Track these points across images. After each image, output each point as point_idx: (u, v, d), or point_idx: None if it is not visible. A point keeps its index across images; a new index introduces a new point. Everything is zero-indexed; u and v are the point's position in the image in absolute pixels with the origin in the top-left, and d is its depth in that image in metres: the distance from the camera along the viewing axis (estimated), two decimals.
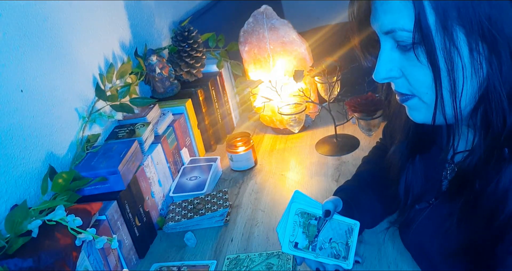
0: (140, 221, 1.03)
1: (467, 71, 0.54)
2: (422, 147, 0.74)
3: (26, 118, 0.92)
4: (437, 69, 0.54)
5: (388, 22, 0.56)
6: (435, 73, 0.55)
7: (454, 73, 0.54)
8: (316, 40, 1.50)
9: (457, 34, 0.52)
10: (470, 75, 0.54)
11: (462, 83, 0.55)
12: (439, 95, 0.56)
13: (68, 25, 1.08)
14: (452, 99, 0.56)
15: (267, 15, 1.36)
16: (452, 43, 0.53)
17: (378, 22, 0.58)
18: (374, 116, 1.19)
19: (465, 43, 0.53)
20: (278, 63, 1.38)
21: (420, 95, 0.60)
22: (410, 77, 0.59)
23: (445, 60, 0.54)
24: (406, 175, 0.76)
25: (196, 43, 1.37)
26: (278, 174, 1.26)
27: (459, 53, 0.53)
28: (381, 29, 0.58)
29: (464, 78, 0.54)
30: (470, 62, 0.54)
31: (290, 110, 1.31)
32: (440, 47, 0.53)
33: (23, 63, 0.93)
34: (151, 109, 1.21)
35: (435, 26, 0.52)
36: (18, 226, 0.76)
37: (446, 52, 0.53)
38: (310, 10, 3.15)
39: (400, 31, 0.55)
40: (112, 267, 0.92)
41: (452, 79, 0.54)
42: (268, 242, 1.00)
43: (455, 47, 0.53)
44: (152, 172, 1.12)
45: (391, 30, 0.56)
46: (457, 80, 0.55)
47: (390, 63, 0.59)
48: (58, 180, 0.89)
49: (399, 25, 0.55)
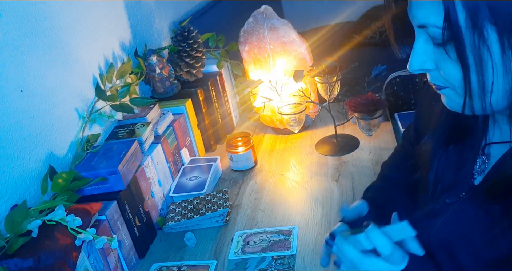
0: (140, 221, 1.03)
1: (498, 69, 0.54)
2: (457, 136, 0.72)
3: (26, 118, 0.92)
4: (466, 66, 0.54)
5: (421, 17, 0.57)
6: (465, 70, 0.55)
7: (483, 70, 0.54)
8: (316, 40, 1.51)
9: (488, 32, 0.52)
10: (501, 73, 0.54)
11: (491, 80, 0.55)
12: (468, 90, 0.56)
13: (68, 25, 1.08)
14: (481, 95, 0.56)
15: (267, 15, 1.36)
16: (483, 41, 0.52)
17: (412, 15, 0.58)
18: (374, 116, 1.19)
19: (496, 41, 0.52)
20: (278, 63, 1.38)
21: (453, 88, 0.60)
22: (443, 71, 0.59)
23: (474, 57, 0.54)
24: (438, 163, 0.74)
25: (196, 43, 1.37)
26: (278, 174, 1.26)
27: (490, 51, 0.53)
28: (415, 23, 0.59)
29: (495, 76, 0.54)
30: (502, 60, 0.53)
31: (290, 110, 1.31)
32: (470, 45, 0.53)
33: (23, 63, 0.93)
34: (151, 109, 1.21)
35: (465, 23, 0.52)
36: (18, 226, 0.76)
37: (476, 50, 0.53)
38: (310, 10, 3.15)
39: (431, 27, 0.56)
40: (112, 267, 0.92)
41: (481, 77, 0.54)
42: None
43: (486, 45, 0.53)
44: (152, 172, 1.12)
45: (423, 25, 0.57)
46: (486, 78, 0.54)
47: (424, 55, 0.60)
48: (58, 180, 0.89)
49: (431, 21, 0.55)
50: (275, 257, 0.94)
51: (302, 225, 1.04)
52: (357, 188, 1.12)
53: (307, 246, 0.97)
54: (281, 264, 0.92)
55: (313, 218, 1.05)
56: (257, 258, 0.95)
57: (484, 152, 0.69)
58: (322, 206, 1.09)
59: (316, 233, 1.00)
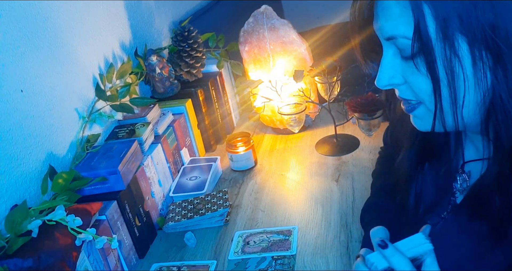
0: (140, 221, 1.03)
1: (470, 81, 0.52)
2: (431, 154, 0.70)
3: (26, 118, 0.92)
4: (436, 79, 0.52)
5: (389, 29, 0.54)
6: (435, 82, 0.53)
7: (455, 83, 0.52)
8: (316, 40, 1.50)
9: (459, 43, 0.50)
10: (473, 86, 0.52)
11: (463, 93, 0.53)
12: (439, 104, 0.54)
13: (68, 25, 1.08)
14: (453, 109, 0.54)
15: (267, 15, 1.36)
16: (454, 52, 0.51)
17: (380, 28, 0.56)
18: (374, 116, 1.19)
19: (468, 52, 0.51)
20: (278, 63, 1.38)
21: (424, 102, 0.58)
22: (412, 85, 0.57)
23: (445, 69, 0.52)
24: (415, 185, 0.72)
25: (196, 43, 1.37)
26: (278, 174, 1.26)
27: (461, 62, 0.51)
28: (382, 35, 0.56)
29: (466, 89, 0.52)
30: (473, 72, 0.51)
31: (290, 110, 1.31)
32: (441, 57, 0.51)
33: (23, 63, 0.93)
34: (151, 109, 1.21)
35: (436, 34, 0.50)
36: (18, 226, 0.76)
37: (447, 62, 0.51)
38: (310, 10, 3.15)
39: (400, 38, 0.54)
40: (112, 267, 0.92)
41: (452, 89, 0.52)
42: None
43: (457, 56, 0.51)
44: (152, 172, 1.12)
45: (391, 36, 0.55)
46: (458, 91, 0.53)
47: (392, 70, 0.58)
48: (58, 180, 0.89)
49: (400, 32, 0.53)
50: (275, 257, 0.94)
51: (302, 225, 1.04)
52: (357, 188, 1.12)
53: (307, 246, 0.97)
54: (281, 264, 0.92)
55: (313, 218, 1.05)
56: (257, 258, 0.95)
57: (464, 170, 0.68)
58: (322, 206, 1.09)
59: (316, 233, 1.00)
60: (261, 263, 0.93)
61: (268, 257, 0.95)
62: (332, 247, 0.95)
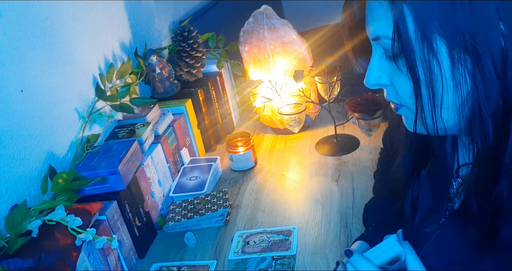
0: (140, 221, 1.03)
1: (448, 83, 0.52)
2: (426, 160, 0.70)
3: (26, 118, 0.92)
4: (416, 78, 0.53)
5: (374, 29, 0.56)
6: (415, 83, 0.54)
7: (433, 83, 0.52)
8: (316, 40, 1.50)
9: (437, 44, 0.51)
10: (452, 88, 0.53)
11: (441, 95, 0.53)
12: (419, 105, 0.55)
13: (68, 25, 1.08)
14: (432, 110, 0.54)
15: (267, 15, 1.36)
16: (432, 53, 0.51)
17: (368, 28, 0.58)
18: (374, 116, 1.19)
19: (446, 54, 0.51)
20: (278, 63, 1.38)
21: (406, 105, 0.58)
22: (396, 86, 0.58)
23: (424, 70, 0.52)
24: (412, 191, 0.72)
25: (196, 43, 1.37)
26: (278, 174, 1.26)
27: (440, 64, 0.51)
28: (370, 36, 0.58)
29: (445, 90, 0.53)
30: (452, 74, 0.52)
31: (290, 110, 1.31)
32: (420, 58, 0.52)
33: (23, 63, 0.93)
34: (151, 109, 1.21)
35: (415, 35, 0.51)
36: (18, 226, 0.76)
37: (426, 63, 0.52)
38: (310, 10, 3.15)
39: (384, 39, 0.55)
40: (112, 267, 0.92)
41: (431, 90, 0.53)
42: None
43: (435, 58, 0.51)
44: (152, 172, 1.12)
45: (376, 37, 0.56)
46: (436, 92, 0.53)
47: (379, 70, 0.59)
48: (58, 180, 0.89)
49: (383, 33, 0.55)
50: (275, 257, 0.94)
51: (302, 225, 1.04)
52: (357, 188, 1.12)
53: (307, 246, 0.97)
54: (281, 264, 0.92)
55: (313, 218, 1.05)
56: (257, 258, 0.95)
57: (459, 174, 0.67)
58: (322, 206, 1.09)
59: (316, 233, 1.00)
60: (261, 263, 0.93)
61: (268, 257, 0.95)
62: (332, 247, 0.95)
